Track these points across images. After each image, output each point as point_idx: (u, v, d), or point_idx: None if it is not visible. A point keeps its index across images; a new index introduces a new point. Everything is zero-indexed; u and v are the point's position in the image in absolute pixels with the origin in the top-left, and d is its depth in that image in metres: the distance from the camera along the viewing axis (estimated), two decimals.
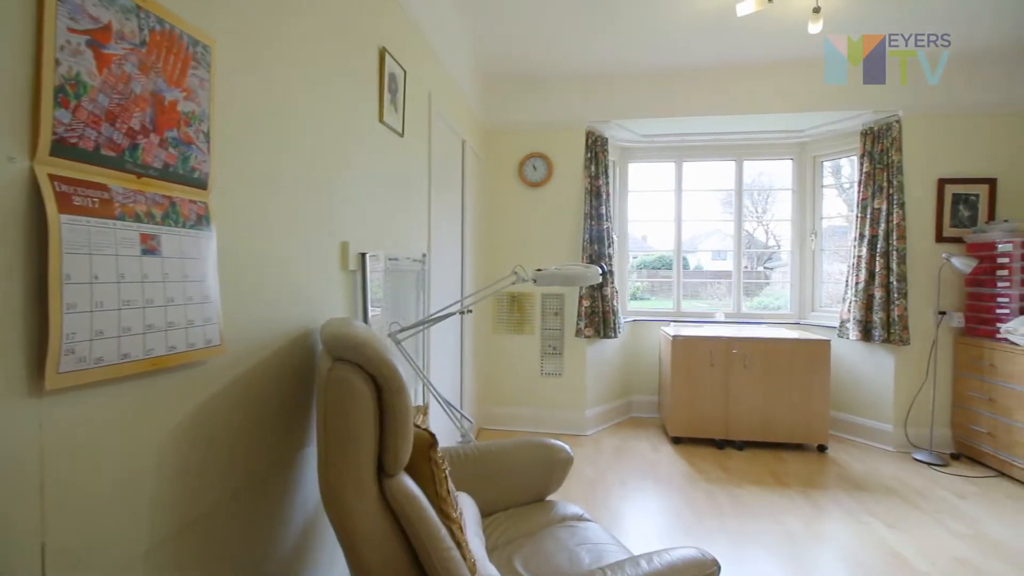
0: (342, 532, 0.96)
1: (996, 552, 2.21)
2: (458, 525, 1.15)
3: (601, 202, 3.84)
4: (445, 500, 1.12)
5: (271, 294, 1.23)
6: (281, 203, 1.27)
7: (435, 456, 1.12)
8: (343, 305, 1.65)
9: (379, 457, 0.98)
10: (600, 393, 3.96)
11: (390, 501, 0.97)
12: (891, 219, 3.42)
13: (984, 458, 3.17)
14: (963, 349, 3.35)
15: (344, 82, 1.64)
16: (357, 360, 0.95)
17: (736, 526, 2.43)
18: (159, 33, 0.87)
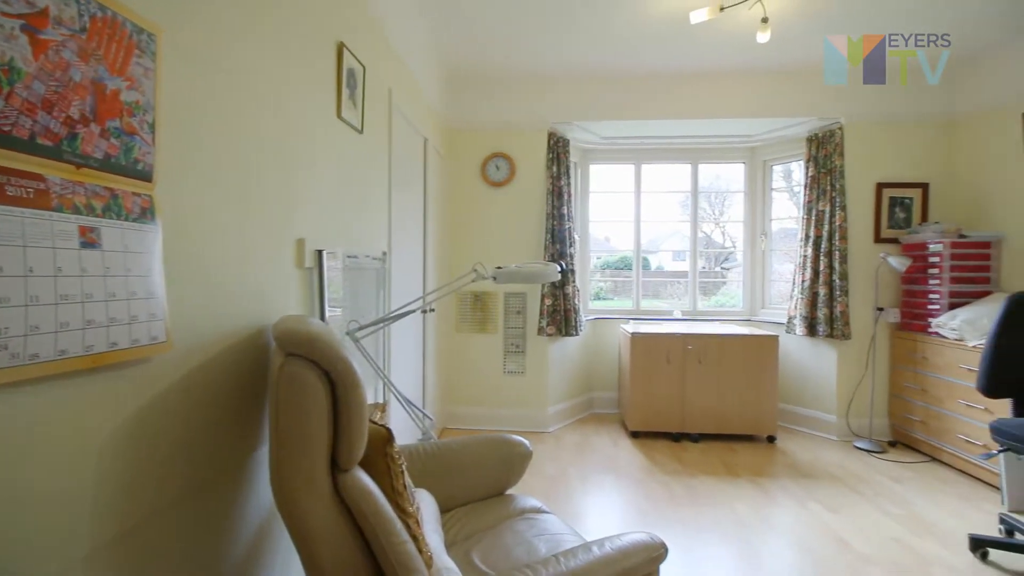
0: (295, 529, 0.95)
1: (928, 531, 2.38)
2: (414, 519, 1.15)
3: (563, 202, 3.90)
4: (401, 495, 1.13)
5: (222, 291, 1.20)
6: (233, 198, 1.25)
7: (391, 451, 1.12)
8: (299, 303, 1.63)
9: (333, 453, 0.98)
10: (562, 390, 4.02)
11: (344, 496, 0.97)
12: (834, 221, 3.62)
13: (918, 445, 3.40)
14: (899, 343, 3.58)
15: (300, 76, 1.62)
16: (310, 355, 0.94)
17: (691, 514, 2.52)
18: (100, 20, 0.85)
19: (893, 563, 2.11)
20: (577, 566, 1.02)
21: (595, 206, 4.58)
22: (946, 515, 2.53)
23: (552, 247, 3.85)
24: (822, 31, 3.11)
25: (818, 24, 3.04)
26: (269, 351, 1.37)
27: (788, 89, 3.72)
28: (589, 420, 4.11)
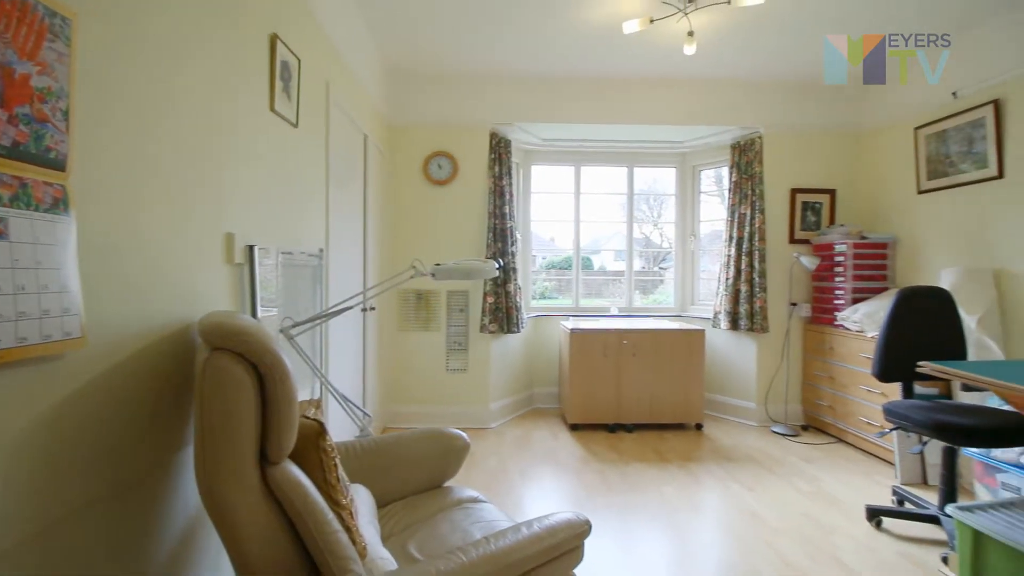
0: (222, 524, 0.94)
1: (832, 505, 2.62)
2: (348, 511, 1.17)
3: (505, 202, 3.96)
4: (334, 487, 1.14)
5: (144, 286, 1.16)
6: (156, 190, 1.21)
7: (324, 444, 1.14)
8: (229, 300, 1.59)
9: (262, 446, 0.98)
10: (504, 386, 4.09)
11: (273, 489, 0.97)
12: (754, 223, 3.90)
13: (827, 428, 3.73)
14: (810, 335, 3.92)
15: (231, 66, 1.58)
16: (237, 348, 0.94)
17: (624, 500, 2.65)
18: (8, 1, 0.81)
19: (800, 534, 2.33)
20: (506, 545, 1.08)
21: (537, 206, 4.68)
22: (848, 490, 2.80)
23: (494, 246, 3.91)
24: (743, 46, 3.36)
25: (738, 39, 3.27)
26: (195, 348, 1.34)
27: (714, 99, 3.97)
28: (531, 415, 4.21)
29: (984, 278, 2.90)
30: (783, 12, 2.93)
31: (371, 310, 3.31)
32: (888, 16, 2.93)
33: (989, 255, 2.97)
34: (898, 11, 2.88)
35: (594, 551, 2.17)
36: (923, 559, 2.13)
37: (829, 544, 2.24)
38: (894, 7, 2.85)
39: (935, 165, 3.33)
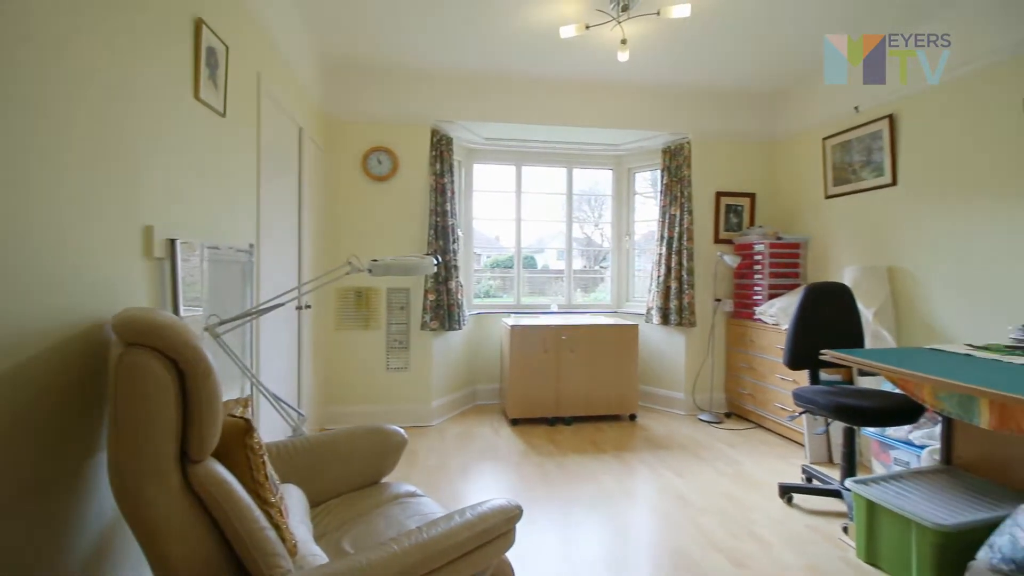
0: (138, 525, 0.91)
1: (751, 485, 2.83)
2: (277, 509, 1.15)
3: (446, 199, 3.96)
4: (262, 485, 1.12)
5: (49, 282, 1.09)
6: (64, 180, 1.14)
7: (251, 442, 1.11)
8: (149, 296, 1.51)
9: (184, 445, 0.95)
10: (446, 384, 4.09)
11: (196, 488, 0.95)
12: (683, 223, 4.12)
13: (748, 414, 4.01)
14: (733, 328, 4.19)
15: (151, 51, 1.50)
16: (155, 344, 0.91)
17: (561, 490, 2.74)
18: None
19: (722, 512, 2.50)
20: (438, 532, 1.11)
21: (480, 205, 4.71)
22: (765, 471, 3.04)
23: (435, 243, 3.90)
24: (672, 56, 3.54)
25: (668, 49, 3.44)
26: (109, 347, 1.27)
27: (646, 105, 4.16)
28: (473, 411, 4.24)
29: (880, 275, 3.23)
30: (707, 26, 3.12)
31: (307, 308, 3.22)
32: (795, 36, 3.19)
33: (884, 254, 3.31)
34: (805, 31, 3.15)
35: (534, 540, 2.24)
36: (827, 530, 2.35)
37: (747, 520, 2.43)
38: (800, 28, 3.11)
39: (840, 172, 3.66)
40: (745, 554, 2.14)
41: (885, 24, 3.03)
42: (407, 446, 3.34)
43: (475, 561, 1.16)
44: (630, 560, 2.14)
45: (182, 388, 0.94)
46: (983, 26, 2.69)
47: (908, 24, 3.04)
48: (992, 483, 2.15)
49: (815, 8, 2.90)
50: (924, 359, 2.06)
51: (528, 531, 2.32)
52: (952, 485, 2.16)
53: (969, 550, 1.74)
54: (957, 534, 1.81)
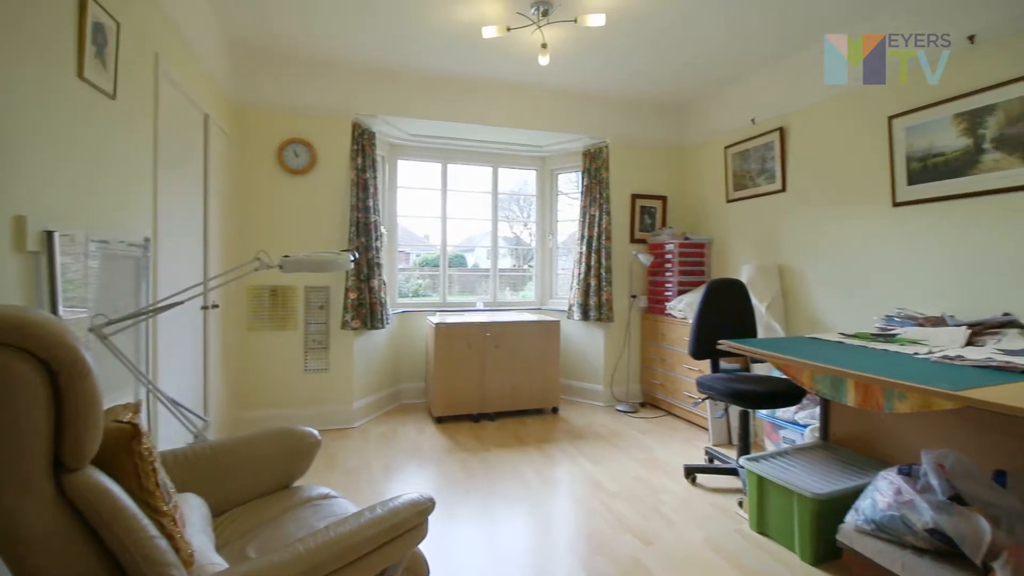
0: (4, 540, 0.83)
1: (660, 468, 3.03)
2: (171, 518, 1.09)
3: (369, 195, 3.87)
4: (153, 494, 1.06)
5: None
6: None
7: (139, 448, 1.05)
8: (20, 293, 1.36)
9: (57, 452, 0.88)
10: (368, 384, 4.00)
11: (73, 498, 0.88)
12: (602, 223, 4.31)
13: (660, 403, 4.27)
14: (647, 323, 4.45)
15: (27, 21, 1.35)
16: (22, 344, 0.83)
17: (484, 484, 2.78)
18: None
19: (633, 495, 2.66)
20: (346, 530, 1.10)
21: (407, 202, 4.64)
22: (673, 454, 3.25)
23: (357, 240, 3.81)
24: (590, 62, 3.69)
25: (586, 56, 3.58)
26: None
27: (567, 109, 4.30)
28: (397, 411, 4.18)
29: (771, 272, 3.57)
30: (621, 38, 3.28)
31: (214, 308, 3.03)
32: (700, 53, 3.45)
33: (776, 254, 3.66)
34: (709, 47, 3.40)
35: (456, 534, 2.27)
36: (726, 505, 2.57)
37: (655, 501, 2.60)
38: (704, 46, 3.36)
39: (739, 179, 4.00)
40: (653, 533, 2.29)
41: (770, 48, 3.35)
42: (327, 449, 3.26)
43: (386, 556, 1.17)
44: (549, 547, 2.22)
45: (56, 391, 0.87)
46: None
47: (785, 54, 3.38)
48: (860, 455, 2.45)
49: (716, 27, 3.14)
50: (804, 347, 2.30)
51: (450, 525, 2.34)
52: (828, 458, 2.44)
53: (841, 514, 1.98)
54: (830, 501, 2.05)
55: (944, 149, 2.61)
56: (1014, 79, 2.31)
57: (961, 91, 2.52)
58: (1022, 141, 2.30)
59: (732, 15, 3.01)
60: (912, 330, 2.42)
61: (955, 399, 1.47)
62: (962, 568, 1.56)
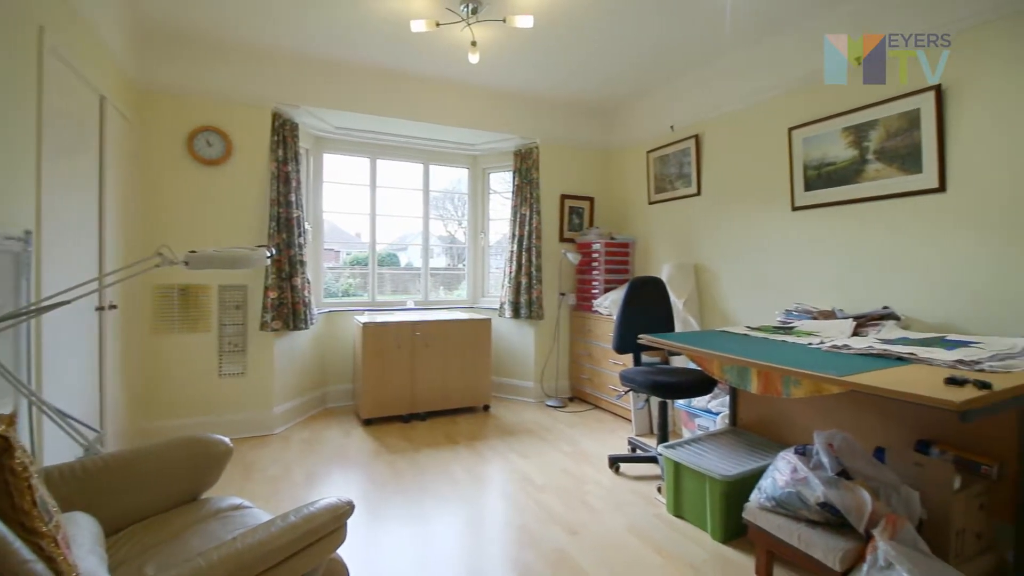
0: None
1: (586, 460, 3.12)
2: (51, 539, 0.99)
3: (291, 189, 3.69)
4: (28, 513, 0.96)
5: None
6: None
7: (10, 464, 0.94)
8: None
9: None
10: (291, 388, 3.82)
11: None
12: (532, 223, 4.38)
13: (587, 397, 4.41)
14: (575, 320, 4.58)
15: None
16: None
17: (413, 485, 2.74)
18: None
19: (560, 487, 2.73)
20: (255, 540, 1.04)
21: (336, 198, 4.47)
22: (599, 446, 3.37)
23: (278, 236, 3.62)
24: (521, 62, 3.73)
25: (516, 56, 3.62)
26: None
27: (499, 108, 4.32)
28: (323, 415, 4.02)
29: (688, 270, 3.79)
30: (549, 40, 3.34)
31: (111, 308, 2.76)
32: (628, 58, 3.59)
33: (692, 253, 3.88)
34: (633, 55, 3.55)
35: (385, 537, 2.22)
36: (646, 492, 2.70)
37: (581, 492, 2.68)
38: (627, 55, 3.50)
39: (660, 182, 4.20)
40: (579, 523, 2.36)
41: (688, 58, 3.56)
42: (244, 457, 3.09)
43: (300, 564, 1.13)
44: (478, 544, 2.23)
45: None
46: (763, 67, 3.30)
47: (701, 65, 3.60)
48: (764, 438, 2.66)
49: (639, 37, 3.28)
50: (715, 340, 2.47)
51: (378, 529, 2.29)
52: (736, 443, 2.63)
53: (747, 494, 2.14)
54: (738, 482, 2.21)
55: (835, 159, 2.89)
56: (892, 97, 2.60)
57: (848, 107, 2.80)
58: (899, 153, 2.60)
59: (653, 27, 3.16)
60: (807, 323, 2.66)
61: (841, 384, 1.63)
62: (849, 536, 1.73)
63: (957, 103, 2.37)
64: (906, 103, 2.55)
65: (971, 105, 2.33)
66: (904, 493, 1.74)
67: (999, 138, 2.24)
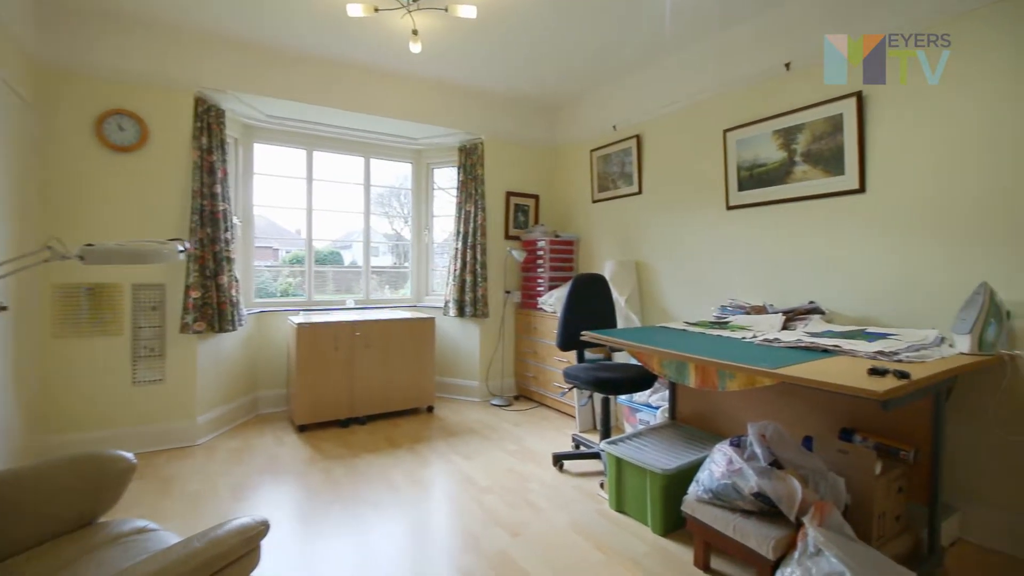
0: None
1: (531, 458, 3.09)
2: None
3: (216, 180, 3.43)
4: None
5: None
6: None
7: None
8: None
9: None
10: (218, 394, 3.56)
11: None
12: (477, 220, 4.31)
13: (533, 395, 4.40)
14: (520, 317, 4.55)
15: None
16: None
17: (349, 493, 2.60)
18: None
19: (504, 487, 2.68)
20: (149, 570, 0.92)
21: (270, 192, 4.20)
22: (544, 444, 3.35)
23: (201, 230, 3.35)
24: (465, 55, 3.64)
25: (460, 48, 3.53)
26: None
27: (443, 101, 4.21)
28: (254, 422, 3.77)
29: (630, 268, 3.84)
30: (494, 33, 3.28)
31: (1, 310, 2.45)
32: (573, 55, 3.58)
33: (633, 251, 3.94)
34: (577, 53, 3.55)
35: (319, 550, 2.08)
36: (590, 488, 2.69)
37: (524, 491, 2.64)
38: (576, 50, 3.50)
39: (603, 181, 4.25)
40: (521, 523, 2.32)
41: (630, 59, 3.60)
42: (160, 472, 2.85)
43: None
44: (419, 550, 2.14)
45: None
46: (701, 69, 3.38)
47: (643, 66, 3.66)
48: (702, 431, 2.73)
49: (583, 34, 3.28)
50: (655, 335, 2.49)
51: (312, 541, 2.15)
52: (676, 436, 2.67)
53: (686, 486, 2.16)
54: (677, 475, 2.24)
55: (766, 160, 3.01)
56: (817, 103, 2.72)
57: (777, 111, 2.91)
58: (824, 156, 2.73)
59: (597, 25, 3.16)
60: (741, 317, 2.75)
61: (773, 376, 1.67)
62: (781, 525, 1.78)
63: (876, 109, 2.51)
64: (830, 108, 2.68)
65: (888, 111, 2.47)
66: (831, 480, 1.81)
67: (913, 143, 2.39)
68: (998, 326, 1.94)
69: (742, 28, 3.09)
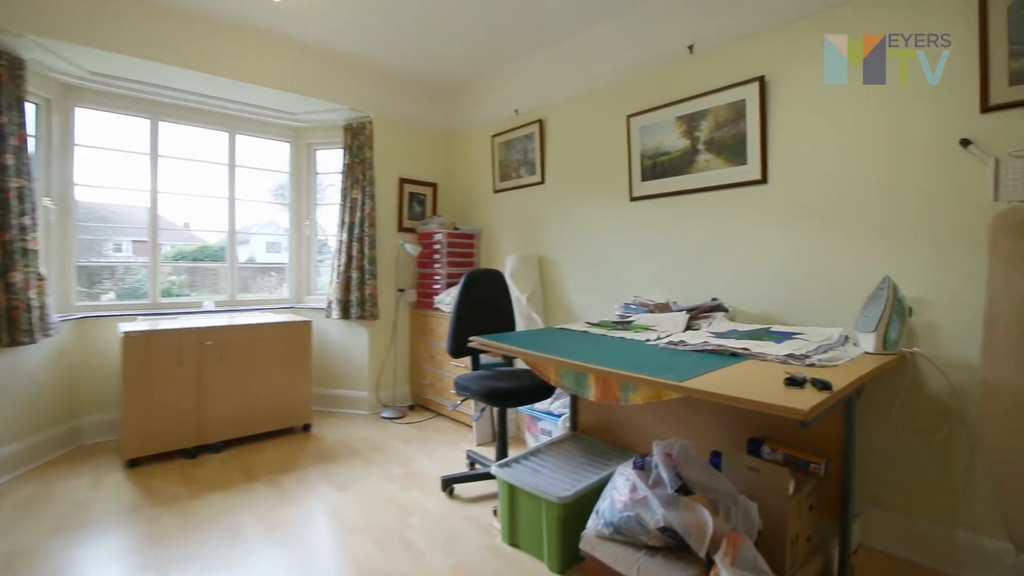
0: None
1: (417, 483, 2.67)
2: None
3: (7, 148, 2.65)
4: None
5: None
6: None
7: None
8: None
9: None
10: (11, 426, 2.75)
11: None
12: (365, 208, 3.79)
13: (429, 404, 3.97)
14: (416, 318, 4.10)
15: None
16: None
17: (178, 551, 2.03)
18: None
19: (379, 526, 2.24)
20: None
21: (109, 168, 3.40)
22: (435, 463, 2.94)
23: None
24: (348, 21, 3.11)
25: (341, 10, 3.00)
26: None
27: (321, 71, 3.64)
28: (69, 458, 2.99)
29: (532, 263, 3.54)
30: None
31: None
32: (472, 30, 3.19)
33: (536, 245, 3.65)
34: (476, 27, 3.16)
35: None
36: (482, 517, 2.33)
37: (403, 528, 2.22)
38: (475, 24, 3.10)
39: (505, 169, 3.91)
40: (394, 572, 1.90)
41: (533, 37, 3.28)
42: None
43: None
44: None
45: None
46: (604, 51, 3.13)
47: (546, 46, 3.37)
48: (607, 444, 2.47)
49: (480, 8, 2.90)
50: (553, 339, 2.18)
51: None
52: (577, 451, 2.39)
53: (586, 515, 1.87)
54: (575, 503, 1.93)
55: (670, 149, 2.82)
56: (720, 87, 2.56)
57: (680, 96, 2.73)
58: (727, 144, 2.57)
59: None
60: (645, 316, 2.52)
61: (679, 389, 1.41)
62: (691, 562, 1.53)
63: (779, 95, 2.38)
64: (733, 93, 2.52)
65: (792, 98, 2.35)
66: (743, 505, 1.58)
67: (816, 132, 2.28)
68: (900, 323, 1.84)
69: (646, 7, 2.88)
